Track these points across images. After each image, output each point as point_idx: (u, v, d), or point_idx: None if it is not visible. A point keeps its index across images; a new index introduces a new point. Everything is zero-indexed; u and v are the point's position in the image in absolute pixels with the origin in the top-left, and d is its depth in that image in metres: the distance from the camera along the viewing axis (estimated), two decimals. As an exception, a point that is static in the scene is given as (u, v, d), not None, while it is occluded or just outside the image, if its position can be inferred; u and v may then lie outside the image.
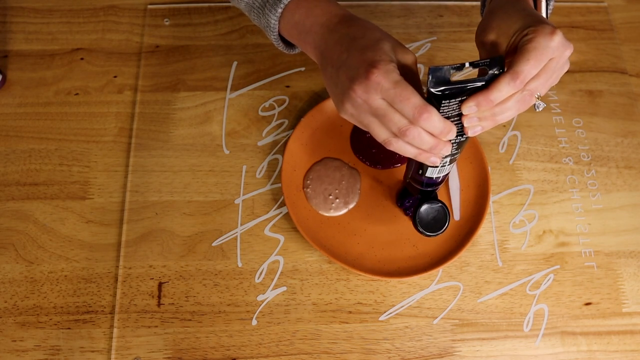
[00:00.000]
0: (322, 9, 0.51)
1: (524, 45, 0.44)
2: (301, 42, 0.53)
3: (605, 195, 0.68)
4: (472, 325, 0.62)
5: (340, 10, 0.52)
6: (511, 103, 0.45)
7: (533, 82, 0.45)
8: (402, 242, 0.64)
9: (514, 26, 0.47)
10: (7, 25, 0.76)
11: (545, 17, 0.51)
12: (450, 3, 0.79)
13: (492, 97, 0.44)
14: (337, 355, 0.60)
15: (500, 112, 0.45)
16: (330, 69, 0.49)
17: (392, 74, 0.44)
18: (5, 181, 0.67)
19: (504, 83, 0.43)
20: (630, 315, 0.62)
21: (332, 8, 0.51)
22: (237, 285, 0.62)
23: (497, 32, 0.48)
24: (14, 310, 0.61)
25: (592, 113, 0.73)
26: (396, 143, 0.47)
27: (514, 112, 0.46)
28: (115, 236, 0.64)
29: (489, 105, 0.44)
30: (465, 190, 0.67)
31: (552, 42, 0.44)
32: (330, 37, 0.50)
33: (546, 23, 0.45)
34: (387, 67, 0.44)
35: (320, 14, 0.51)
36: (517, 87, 0.44)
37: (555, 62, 0.46)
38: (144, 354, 0.59)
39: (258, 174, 0.68)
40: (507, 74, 0.43)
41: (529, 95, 0.45)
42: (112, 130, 0.70)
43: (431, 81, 0.43)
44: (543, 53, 0.44)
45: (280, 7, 0.52)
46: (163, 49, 0.75)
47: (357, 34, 0.48)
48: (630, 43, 0.77)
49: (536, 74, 0.45)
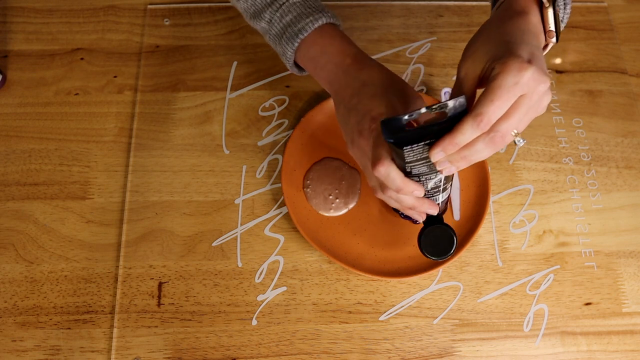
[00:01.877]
0: (337, 47, 0.54)
1: (490, 82, 0.41)
2: (316, 75, 0.56)
3: (605, 195, 0.68)
4: (472, 325, 0.62)
5: (353, 49, 0.54)
6: (480, 145, 0.42)
7: (502, 122, 0.41)
8: (402, 242, 0.64)
9: (486, 56, 0.44)
10: (7, 25, 0.76)
11: (555, 30, 0.48)
12: (450, 3, 0.79)
13: (457, 141, 0.41)
14: (337, 355, 0.60)
15: (470, 154, 0.43)
16: (342, 109, 0.52)
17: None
18: (5, 181, 0.67)
19: (467, 126, 0.41)
20: (630, 315, 0.62)
21: (346, 47, 0.54)
22: (237, 285, 0.62)
23: (472, 59, 0.45)
24: (14, 310, 0.61)
25: (592, 113, 0.73)
26: (380, 195, 0.50)
27: (487, 152, 0.43)
28: (115, 236, 0.64)
29: (456, 149, 0.42)
30: (465, 190, 0.67)
31: (522, 78, 0.40)
32: (343, 78, 0.52)
33: (517, 55, 0.41)
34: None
35: (334, 53, 0.53)
36: (482, 129, 0.41)
37: (528, 99, 0.41)
38: (144, 354, 0.59)
39: (258, 174, 0.68)
40: (469, 116, 0.41)
41: (499, 136, 0.42)
42: (112, 130, 0.70)
43: (385, 132, 0.42)
44: (510, 91, 0.40)
45: (297, 41, 0.54)
46: (163, 49, 0.75)
47: (367, 79, 0.51)
48: (630, 43, 0.77)
49: (505, 114, 0.41)
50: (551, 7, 0.47)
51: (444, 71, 0.74)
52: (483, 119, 0.40)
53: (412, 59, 0.75)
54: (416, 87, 0.73)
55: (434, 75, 0.74)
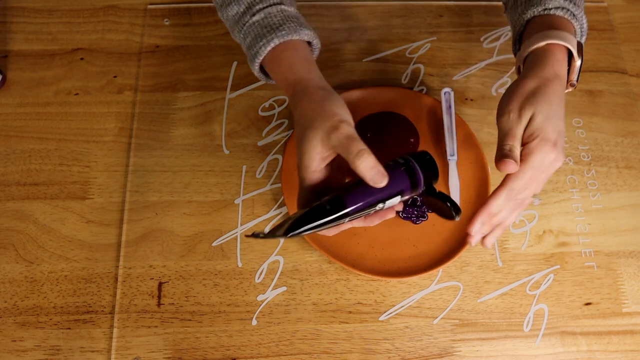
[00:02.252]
0: (282, 75, 0.54)
1: (522, 162, 0.49)
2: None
3: (605, 195, 0.68)
4: (472, 325, 0.62)
5: (292, 77, 0.53)
6: (507, 212, 0.52)
7: (525, 192, 0.51)
8: (402, 242, 0.64)
9: (525, 119, 0.51)
10: (7, 25, 0.76)
11: (576, 77, 0.55)
12: (450, 3, 0.79)
13: (492, 210, 0.50)
14: (337, 355, 0.60)
15: (498, 220, 0.52)
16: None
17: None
18: (5, 181, 0.67)
19: (502, 196, 0.50)
20: (630, 315, 0.62)
21: (288, 75, 0.53)
22: (237, 285, 0.62)
23: (514, 115, 0.51)
24: (14, 310, 0.61)
25: (592, 113, 0.73)
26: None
27: (513, 217, 0.53)
28: (115, 236, 0.64)
29: (490, 218, 0.51)
30: (465, 190, 0.67)
31: (547, 160, 0.49)
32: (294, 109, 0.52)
33: (546, 139, 0.49)
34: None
35: (280, 80, 0.54)
36: (513, 199, 0.51)
37: (546, 176, 0.51)
38: (144, 354, 0.59)
39: (258, 174, 0.68)
40: (504, 189, 0.50)
41: (525, 203, 0.53)
42: (112, 130, 0.70)
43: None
44: (536, 170, 0.50)
45: (256, 64, 0.55)
46: (163, 49, 0.75)
47: (298, 118, 0.51)
48: (630, 43, 0.77)
49: (527, 184, 0.50)
50: (579, 60, 0.54)
51: (444, 71, 0.74)
52: (513, 192, 0.50)
53: (412, 59, 0.75)
54: (416, 87, 0.73)
55: (434, 75, 0.74)
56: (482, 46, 0.76)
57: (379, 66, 0.75)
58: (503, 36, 0.77)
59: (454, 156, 0.68)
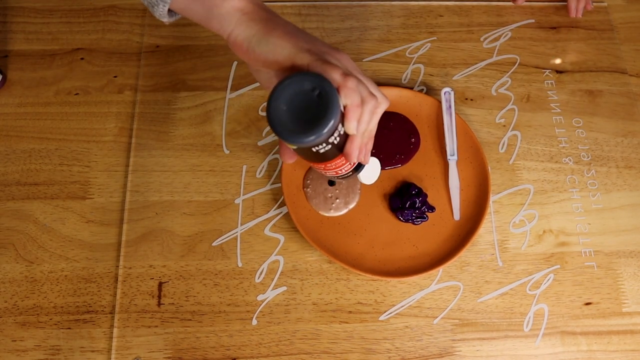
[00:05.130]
0: None
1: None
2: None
3: (605, 195, 0.68)
4: (472, 325, 0.62)
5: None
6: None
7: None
8: (402, 242, 0.64)
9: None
10: (7, 25, 0.76)
11: None
12: (450, 3, 0.79)
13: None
14: (337, 355, 0.60)
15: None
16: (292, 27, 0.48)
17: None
18: (5, 181, 0.67)
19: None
20: (630, 315, 0.62)
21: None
22: (237, 285, 0.62)
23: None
24: (14, 310, 0.61)
25: (592, 113, 0.73)
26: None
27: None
28: (115, 236, 0.64)
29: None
30: (465, 190, 0.67)
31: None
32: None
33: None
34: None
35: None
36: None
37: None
38: (144, 354, 0.59)
39: (258, 174, 0.68)
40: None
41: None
42: (112, 130, 0.70)
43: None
44: None
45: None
46: (163, 49, 0.75)
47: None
48: (630, 43, 0.78)
49: None
50: None
51: (444, 71, 0.74)
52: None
53: (412, 59, 0.75)
54: (416, 87, 0.73)
55: (434, 75, 0.74)
56: (482, 46, 0.76)
57: (379, 66, 0.75)
58: (503, 36, 0.77)
59: (454, 156, 0.68)
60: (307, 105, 0.42)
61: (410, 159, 0.68)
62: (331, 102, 0.42)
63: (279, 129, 0.42)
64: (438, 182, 0.67)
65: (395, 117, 0.70)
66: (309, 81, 0.42)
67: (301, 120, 0.42)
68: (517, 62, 0.76)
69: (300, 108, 0.42)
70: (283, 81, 0.43)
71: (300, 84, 0.43)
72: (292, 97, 0.43)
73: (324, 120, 0.41)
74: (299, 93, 0.43)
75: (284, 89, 0.43)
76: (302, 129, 0.42)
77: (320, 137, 0.42)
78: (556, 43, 0.77)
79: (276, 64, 0.46)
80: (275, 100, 0.43)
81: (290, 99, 0.43)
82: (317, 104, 0.42)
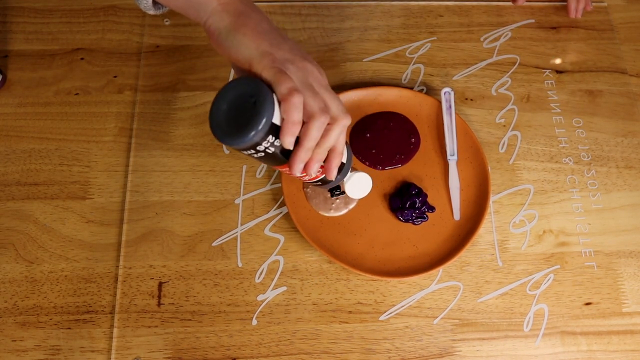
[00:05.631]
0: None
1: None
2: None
3: (605, 195, 0.68)
4: (472, 325, 0.62)
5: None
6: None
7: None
8: (402, 242, 0.64)
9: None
10: (7, 25, 0.76)
11: None
12: (450, 3, 0.79)
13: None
14: (337, 355, 0.60)
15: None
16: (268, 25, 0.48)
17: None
18: (5, 181, 0.67)
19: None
20: (630, 315, 0.62)
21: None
22: (237, 285, 0.62)
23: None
24: (14, 310, 0.61)
25: (592, 113, 0.73)
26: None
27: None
28: (115, 236, 0.64)
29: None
30: (465, 190, 0.67)
31: None
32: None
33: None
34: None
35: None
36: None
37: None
38: (144, 354, 0.59)
39: (258, 174, 0.68)
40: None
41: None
42: (112, 130, 0.70)
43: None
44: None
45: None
46: (163, 49, 0.75)
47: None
48: (630, 43, 0.78)
49: None
50: None
51: (444, 71, 0.74)
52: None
53: (412, 59, 0.75)
54: (416, 87, 0.73)
55: (434, 75, 0.74)
56: (482, 46, 0.76)
57: (379, 66, 0.75)
58: (503, 36, 0.77)
59: (454, 156, 0.68)
60: (243, 110, 0.44)
61: (410, 159, 0.68)
62: (261, 112, 0.43)
63: (213, 126, 0.44)
64: (438, 182, 0.67)
65: (395, 117, 0.70)
66: (250, 87, 0.44)
67: (234, 124, 0.44)
68: (517, 62, 0.76)
69: (236, 112, 0.44)
70: (230, 82, 0.45)
71: (243, 89, 0.44)
72: (233, 99, 0.44)
73: (248, 129, 0.42)
74: (240, 97, 0.44)
75: (227, 91, 0.45)
76: (232, 132, 0.43)
77: (244, 143, 0.43)
78: (556, 43, 0.77)
79: (238, 61, 0.47)
80: (218, 99, 0.45)
81: (231, 101, 0.44)
82: (250, 112, 0.43)
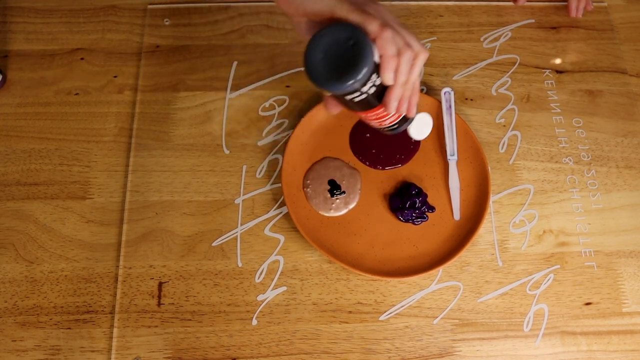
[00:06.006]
0: None
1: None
2: None
3: (605, 195, 0.68)
4: (472, 325, 0.62)
5: None
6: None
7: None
8: (402, 242, 0.64)
9: None
10: (7, 25, 0.76)
11: None
12: (450, 3, 0.79)
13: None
14: (337, 355, 0.60)
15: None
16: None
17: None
18: (5, 181, 0.67)
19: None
20: (630, 315, 0.62)
21: None
22: (237, 285, 0.62)
23: None
24: (14, 310, 0.61)
25: (592, 113, 0.73)
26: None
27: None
28: (115, 236, 0.64)
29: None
30: (465, 190, 0.67)
31: None
32: None
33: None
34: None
35: None
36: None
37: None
38: (144, 354, 0.59)
39: (258, 174, 0.68)
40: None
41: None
42: (112, 130, 0.70)
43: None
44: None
45: None
46: (163, 49, 0.75)
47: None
48: (630, 43, 0.78)
49: None
50: None
51: (444, 71, 0.74)
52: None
53: (412, 59, 0.75)
54: (416, 87, 0.73)
55: (434, 75, 0.74)
56: (482, 46, 0.76)
57: (379, 66, 0.75)
58: (503, 36, 0.77)
59: (454, 156, 0.68)
60: (342, 54, 0.44)
61: (411, 159, 0.68)
62: (364, 52, 0.43)
63: (314, 75, 0.45)
64: (438, 182, 0.67)
65: (395, 117, 0.70)
66: (345, 31, 0.44)
67: (335, 69, 0.44)
68: (517, 62, 0.76)
69: (335, 57, 0.45)
70: (321, 31, 0.45)
71: (337, 34, 0.45)
72: (328, 46, 0.45)
73: (355, 69, 0.43)
74: (335, 43, 0.45)
75: (321, 39, 0.45)
76: (336, 77, 0.44)
77: (352, 85, 0.44)
78: (556, 43, 0.77)
79: (316, 14, 0.47)
80: (312, 49, 0.45)
81: (326, 49, 0.45)
82: (352, 54, 0.44)
